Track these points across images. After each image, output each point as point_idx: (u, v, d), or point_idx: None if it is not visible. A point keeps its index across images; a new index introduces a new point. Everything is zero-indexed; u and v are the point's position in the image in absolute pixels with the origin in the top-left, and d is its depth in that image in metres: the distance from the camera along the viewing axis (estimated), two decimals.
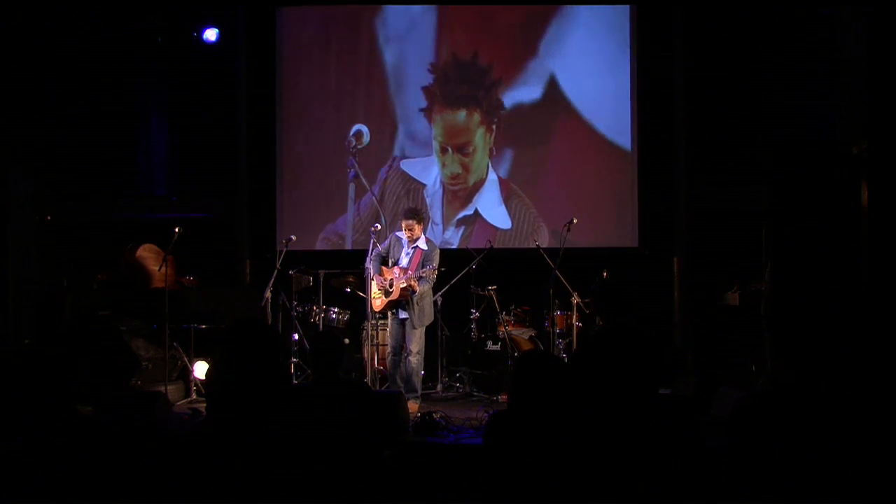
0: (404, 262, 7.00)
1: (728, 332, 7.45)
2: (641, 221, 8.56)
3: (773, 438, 2.35)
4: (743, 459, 2.36)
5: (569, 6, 8.70)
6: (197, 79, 9.17)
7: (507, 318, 7.69)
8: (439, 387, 7.70)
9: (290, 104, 9.02)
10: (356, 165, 8.81)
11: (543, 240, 8.36)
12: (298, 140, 9.01)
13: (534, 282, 7.71)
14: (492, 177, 8.72)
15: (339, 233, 8.91)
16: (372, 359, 7.25)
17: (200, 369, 7.32)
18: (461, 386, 7.78)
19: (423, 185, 8.76)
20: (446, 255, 7.84)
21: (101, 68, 9.22)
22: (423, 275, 6.86)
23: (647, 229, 8.55)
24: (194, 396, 7.34)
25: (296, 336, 7.74)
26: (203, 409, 5.88)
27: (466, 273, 7.66)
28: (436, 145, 8.79)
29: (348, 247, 8.83)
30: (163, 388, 6.93)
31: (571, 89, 8.66)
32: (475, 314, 7.82)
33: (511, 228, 8.70)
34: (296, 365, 7.71)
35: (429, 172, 8.76)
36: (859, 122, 5.19)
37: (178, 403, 7.10)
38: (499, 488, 2.66)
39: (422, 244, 7.04)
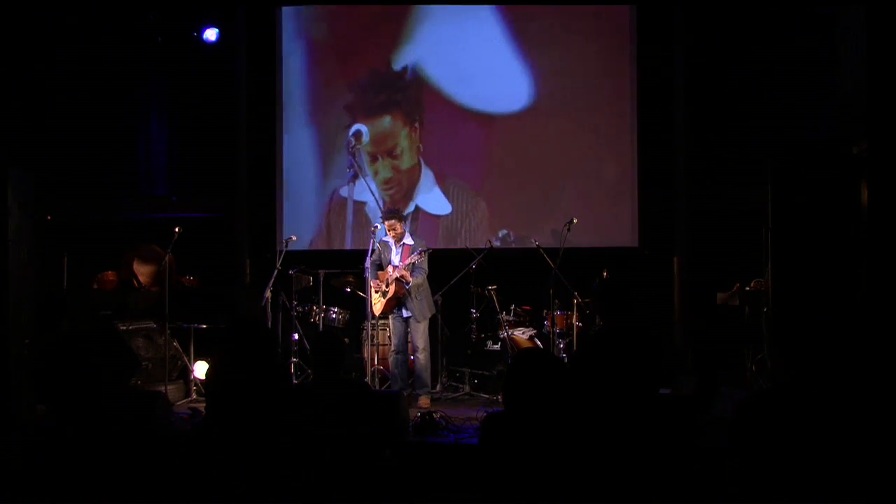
0: (396, 260, 7.16)
1: (728, 332, 7.45)
2: (641, 221, 8.56)
3: (776, 438, 2.35)
4: (745, 459, 2.36)
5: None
6: (197, 79, 9.17)
7: (507, 318, 7.69)
8: (439, 387, 7.70)
9: (289, 104, 9.02)
10: (356, 165, 8.81)
11: (546, 235, 8.34)
12: (298, 140, 9.01)
13: (534, 282, 7.72)
14: (424, 170, 8.78)
15: (338, 232, 8.93)
16: (372, 359, 7.26)
17: (200, 369, 7.32)
18: (461, 386, 7.78)
19: (364, 203, 8.81)
20: (447, 255, 7.87)
21: (101, 68, 9.22)
22: (414, 261, 6.96)
23: (647, 229, 8.55)
24: (194, 396, 7.34)
25: (296, 336, 7.75)
26: (203, 409, 5.87)
27: (466, 273, 7.66)
28: (365, 157, 8.83)
29: (348, 247, 8.83)
30: (163, 388, 6.94)
31: (572, 89, 8.67)
32: (475, 314, 7.82)
33: (452, 212, 8.76)
34: (296, 365, 7.71)
35: (365, 188, 8.73)
36: (859, 122, 5.19)
37: (178, 403, 7.10)
38: (495, 489, 2.66)
39: (408, 240, 7.22)
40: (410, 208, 8.72)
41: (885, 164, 4.86)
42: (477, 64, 8.77)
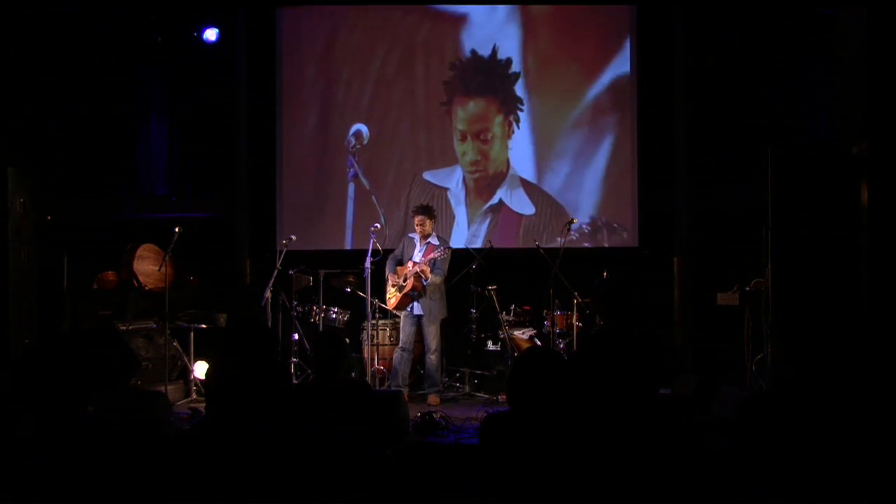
0: (417, 257, 7.26)
1: (728, 332, 7.44)
2: (641, 221, 8.55)
3: (779, 438, 2.35)
4: (748, 459, 2.36)
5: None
6: (197, 79, 9.18)
7: (507, 318, 7.70)
8: (439, 387, 7.69)
9: (290, 104, 9.02)
10: (356, 165, 8.81)
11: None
12: (298, 140, 9.01)
13: (534, 282, 7.72)
14: (512, 172, 8.75)
15: (338, 232, 8.93)
16: (372, 359, 7.27)
17: (200, 369, 7.32)
18: (461, 386, 7.78)
19: (447, 189, 8.79)
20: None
21: (101, 68, 9.23)
22: (436, 256, 7.05)
23: (647, 229, 8.55)
24: (194, 396, 7.34)
25: (296, 336, 7.75)
26: (203, 409, 5.88)
27: (466, 273, 7.66)
28: (456, 135, 8.81)
29: (348, 247, 8.84)
30: (163, 388, 6.94)
31: (572, 88, 8.67)
32: (475, 314, 7.82)
33: (535, 213, 8.71)
34: (296, 365, 7.71)
35: (451, 178, 8.78)
36: (859, 122, 5.19)
37: (178, 403, 7.10)
38: (495, 489, 2.66)
39: (433, 240, 7.31)
40: (494, 200, 8.71)
41: (885, 164, 4.86)
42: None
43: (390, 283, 7.30)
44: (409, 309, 7.26)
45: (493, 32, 8.81)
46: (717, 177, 8.57)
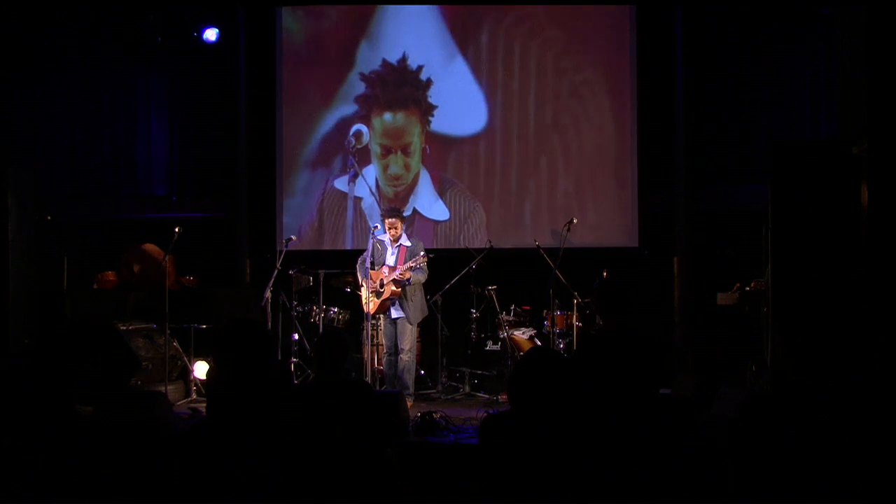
0: (391, 261, 7.08)
1: (728, 332, 7.45)
2: (641, 221, 8.55)
3: (778, 438, 2.35)
4: (748, 459, 2.36)
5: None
6: (197, 79, 9.18)
7: (507, 318, 7.69)
8: (439, 387, 7.70)
9: (290, 104, 9.02)
10: (356, 165, 8.81)
11: (510, 230, 8.34)
12: (298, 140, 9.01)
13: (534, 282, 7.72)
14: (423, 173, 8.80)
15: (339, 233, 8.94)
16: (372, 359, 7.26)
17: (200, 369, 7.32)
18: (461, 386, 7.78)
19: (360, 199, 8.82)
20: (447, 255, 7.86)
21: (101, 68, 9.23)
22: (415, 265, 6.92)
23: (647, 229, 8.55)
24: (194, 396, 7.34)
25: (296, 336, 7.75)
26: (203, 409, 5.88)
27: (466, 273, 7.66)
28: (376, 149, 8.83)
29: (348, 247, 8.83)
30: (163, 388, 6.93)
31: (571, 88, 8.67)
32: (475, 314, 7.82)
33: (450, 218, 8.76)
34: (296, 365, 7.71)
35: (361, 185, 8.77)
36: (859, 122, 5.18)
37: (178, 403, 7.10)
38: (496, 489, 2.66)
39: (405, 241, 7.14)
40: (408, 211, 8.68)
41: (885, 164, 4.85)
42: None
43: (367, 288, 7.05)
44: (387, 312, 7.16)
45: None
46: (717, 176, 8.57)
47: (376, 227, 7.23)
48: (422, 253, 7.00)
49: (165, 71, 9.25)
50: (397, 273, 6.90)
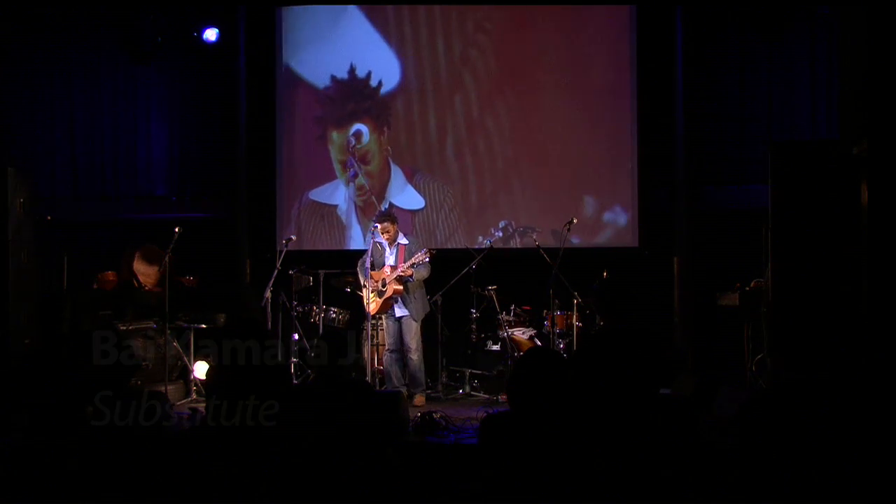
0: (391, 261, 7.15)
1: (728, 332, 7.44)
2: (641, 221, 8.55)
3: (778, 438, 2.35)
4: (748, 459, 2.36)
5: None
6: (197, 79, 9.18)
7: (507, 318, 7.69)
8: (439, 387, 7.70)
9: (289, 104, 9.01)
10: (356, 165, 8.81)
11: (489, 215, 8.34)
12: (298, 140, 9.01)
13: (534, 282, 7.72)
14: (394, 168, 8.80)
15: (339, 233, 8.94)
16: (372, 359, 7.26)
17: (200, 369, 7.32)
18: (461, 386, 7.78)
19: (335, 206, 8.83)
20: (447, 255, 7.85)
21: (101, 68, 9.23)
22: (416, 261, 6.98)
23: (647, 229, 8.55)
24: (194, 396, 7.34)
25: (296, 336, 7.75)
26: (203, 409, 5.88)
27: (466, 273, 7.66)
28: (337, 167, 8.86)
29: (348, 247, 8.83)
30: (163, 388, 6.93)
31: (572, 88, 8.67)
32: (475, 314, 7.82)
33: (425, 206, 8.77)
34: (296, 365, 7.71)
35: (337, 194, 8.82)
36: (859, 122, 5.19)
37: (178, 403, 7.10)
38: (495, 489, 2.66)
39: (402, 240, 7.22)
40: (384, 207, 8.66)
41: (885, 164, 4.86)
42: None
43: (369, 288, 7.14)
44: (389, 312, 7.22)
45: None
46: (717, 177, 8.57)
47: (376, 226, 7.25)
48: (424, 250, 7.04)
49: (165, 71, 9.25)
50: (400, 270, 6.96)
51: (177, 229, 7.22)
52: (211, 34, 8.84)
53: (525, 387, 2.77)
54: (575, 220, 7.45)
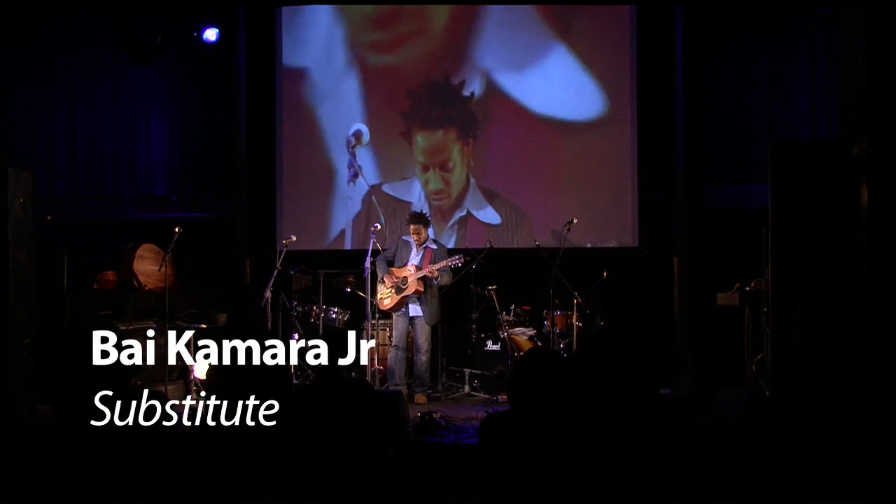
0: (416, 261, 7.25)
1: (728, 332, 7.44)
2: (641, 221, 8.55)
3: (778, 438, 2.35)
4: (749, 459, 2.36)
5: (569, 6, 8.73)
6: (197, 79, 9.18)
7: (507, 318, 7.69)
8: (439, 387, 7.70)
9: (290, 104, 9.01)
10: (356, 165, 8.81)
11: (541, 232, 8.32)
12: (298, 139, 9.01)
13: (534, 282, 7.72)
14: (472, 183, 8.77)
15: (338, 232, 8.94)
16: (372, 359, 7.27)
17: (200, 369, 7.31)
18: (461, 386, 7.78)
19: (409, 203, 8.79)
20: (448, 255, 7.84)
21: (101, 68, 9.23)
22: (451, 264, 7.13)
23: (647, 229, 8.55)
24: (194, 396, 7.33)
25: (296, 336, 7.74)
26: (203, 409, 5.87)
27: (466, 273, 7.66)
28: (418, 166, 8.85)
29: (348, 247, 8.83)
30: (163, 388, 6.93)
31: (569, 90, 8.67)
32: (475, 314, 7.82)
33: (501, 223, 8.73)
34: (295, 365, 7.70)
35: (411, 190, 8.82)
36: (859, 122, 5.18)
37: (179, 403, 7.09)
38: (495, 489, 2.66)
39: (431, 244, 7.33)
40: (463, 212, 8.73)
41: (885, 164, 4.86)
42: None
43: (387, 283, 7.25)
44: (402, 309, 7.26)
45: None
46: (717, 176, 8.57)
47: (376, 227, 7.27)
48: (458, 256, 7.19)
49: (165, 71, 9.25)
50: (426, 271, 7.06)
51: (177, 229, 7.22)
52: (211, 34, 8.85)
53: (525, 387, 2.77)
54: (575, 220, 7.45)
